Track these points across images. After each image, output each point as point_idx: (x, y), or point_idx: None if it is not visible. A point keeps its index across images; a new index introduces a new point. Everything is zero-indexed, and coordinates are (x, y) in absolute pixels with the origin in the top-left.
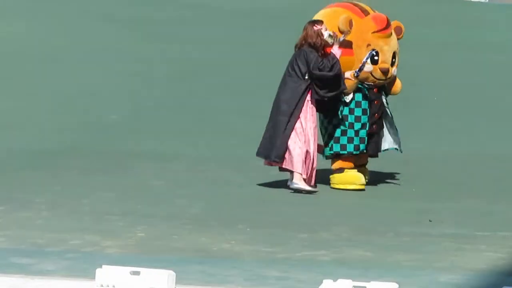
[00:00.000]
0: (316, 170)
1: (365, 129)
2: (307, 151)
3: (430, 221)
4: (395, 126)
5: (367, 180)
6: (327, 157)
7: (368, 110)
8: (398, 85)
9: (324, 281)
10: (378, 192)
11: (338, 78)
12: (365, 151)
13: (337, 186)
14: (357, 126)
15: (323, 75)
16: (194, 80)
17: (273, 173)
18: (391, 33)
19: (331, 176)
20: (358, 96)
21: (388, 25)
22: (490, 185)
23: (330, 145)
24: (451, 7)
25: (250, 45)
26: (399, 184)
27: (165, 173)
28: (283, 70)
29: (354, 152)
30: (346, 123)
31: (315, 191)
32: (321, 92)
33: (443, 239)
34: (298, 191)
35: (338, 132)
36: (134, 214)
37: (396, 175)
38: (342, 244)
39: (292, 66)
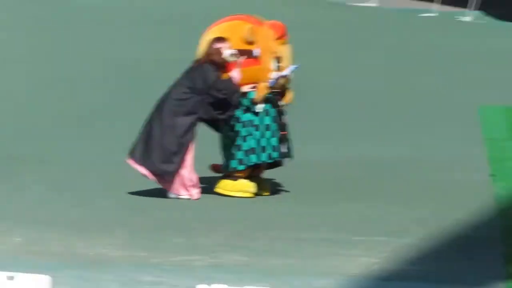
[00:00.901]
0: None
1: (276, 136)
2: (191, 168)
3: (307, 225)
4: None
5: (268, 193)
6: (234, 170)
7: (276, 117)
8: (290, 95)
9: (198, 286)
10: (256, 197)
11: (229, 103)
12: (278, 159)
13: (227, 193)
14: (268, 134)
15: (217, 97)
16: (80, 83)
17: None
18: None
19: (223, 182)
20: (267, 105)
21: (285, 31)
22: (368, 190)
23: (245, 157)
24: (339, 11)
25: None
26: (277, 189)
27: (45, 178)
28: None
29: (268, 161)
30: (258, 133)
31: (194, 198)
32: (214, 113)
33: (319, 243)
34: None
35: (252, 143)
36: (11, 219)
37: (274, 179)
38: (218, 249)
39: (188, 78)
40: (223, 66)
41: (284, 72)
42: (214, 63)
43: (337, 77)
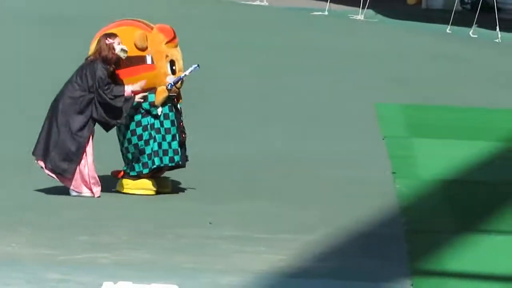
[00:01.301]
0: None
1: (176, 140)
2: (92, 166)
3: (210, 223)
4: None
5: (170, 190)
6: (139, 173)
7: (175, 121)
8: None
9: (104, 283)
10: (161, 195)
11: (120, 109)
12: (180, 162)
13: (128, 191)
14: (169, 138)
15: (104, 99)
16: None
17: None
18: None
19: (124, 181)
20: (165, 108)
21: (175, 34)
22: (270, 188)
23: (149, 160)
24: (230, 9)
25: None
26: (178, 187)
27: None
28: None
29: (170, 164)
30: (160, 136)
31: (96, 196)
32: (104, 115)
33: (223, 241)
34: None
35: (155, 146)
36: None
37: (173, 178)
38: (122, 247)
39: (80, 75)
40: (115, 62)
41: (182, 74)
42: (106, 59)
43: (228, 76)
